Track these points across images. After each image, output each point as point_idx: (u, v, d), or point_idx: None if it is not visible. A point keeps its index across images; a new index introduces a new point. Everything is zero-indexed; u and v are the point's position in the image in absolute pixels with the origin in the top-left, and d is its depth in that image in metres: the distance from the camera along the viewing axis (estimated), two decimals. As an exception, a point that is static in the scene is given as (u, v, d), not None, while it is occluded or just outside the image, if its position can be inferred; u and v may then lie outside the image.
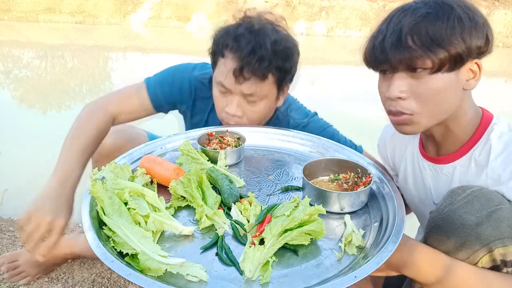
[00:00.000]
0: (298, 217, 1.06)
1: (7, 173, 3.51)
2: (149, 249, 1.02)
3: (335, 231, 1.21)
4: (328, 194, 1.26)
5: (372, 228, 1.21)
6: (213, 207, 1.25)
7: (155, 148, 1.66)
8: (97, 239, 1.06)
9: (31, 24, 10.97)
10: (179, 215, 1.28)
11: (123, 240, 1.05)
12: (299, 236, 1.08)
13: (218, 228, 1.16)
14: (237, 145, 1.64)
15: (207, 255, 1.09)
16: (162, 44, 10.35)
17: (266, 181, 1.49)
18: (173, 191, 1.30)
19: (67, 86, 6.42)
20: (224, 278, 1.00)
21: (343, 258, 1.08)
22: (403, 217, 1.16)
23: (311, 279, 1.00)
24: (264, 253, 1.01)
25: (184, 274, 0.98)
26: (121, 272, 0.95)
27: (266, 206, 1.26)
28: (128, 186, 1.21)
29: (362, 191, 1.28)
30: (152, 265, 0.98)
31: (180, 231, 1.14)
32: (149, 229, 1.12)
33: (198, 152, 1.53)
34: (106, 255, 1.00)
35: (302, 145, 1.72)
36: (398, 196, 1.27)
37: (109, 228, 1.10)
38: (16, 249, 2.37)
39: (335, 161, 1.45)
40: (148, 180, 1.39)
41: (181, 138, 1.69)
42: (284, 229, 1.06)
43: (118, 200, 1.14)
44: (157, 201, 1.22)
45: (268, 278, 0.97)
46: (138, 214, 1.13)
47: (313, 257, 1.09)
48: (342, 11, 11.55)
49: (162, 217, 1.15)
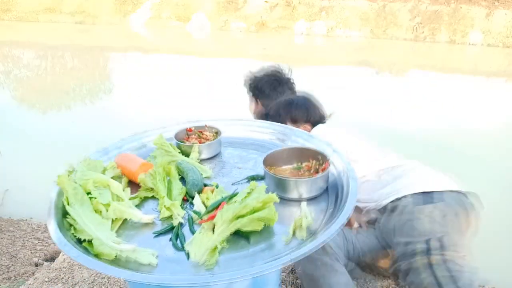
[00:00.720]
0: (250, 204, 1.08)
1: (7, 173, 3.52)
2: (104, 236, 1.08)
3: (292, 217, 1.22)
4: (285, 181, 1.27)
5: (327, 213, 1.23)
6: (178, 198, 1.29)
7: (131, 142, 1.69)
8: (56, 226, 1.12)
9: (31, 24, 10.98)
10: (145, 205, 1.33)
11: (82, 228, 1.11)
12: (251, 222, 1.10)
13: (174, 219, 1.21)
14: (215, 139, 1.66)
15: (161, 240, 1.14)
16: (162, 44, 10.35)
17: (234, 171, 1.52)
18: (143, 183, 1.36)
19: (67, 86, 6.43)
20: (173, 261, 1.05)
21: (292, 242, 1.10)
22: (352, 204, 1.16)
23: (255, 261, 1.03)
24: (213, 238, 1.04)
25: (133, 258, 1.04)
26: (71, 254, 1.01)
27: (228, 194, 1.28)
28: (94, 177, 1.27)
29: (319, 177, 1.28)
30: (104, 250, 1.04)
31: (139, 218, 1.19)
32: (110, 218, 1.17)
33: (171, 146, 1.57)
34: (60, 239, 1.06)
35: (270, 135, 1.75)
36: (353, 184, 1.27)
37: (72, 217, 1.16)
38: (16, 249, 2.37)
39: (297, 150, 1.46)
40: (117, 173, 1.44)
41: (157, 132, 1.71)
42: (236, 215, 1.07)
43: (81, 191, 1.21)
44: (120, 191, 1.27)
45: (214, 262, 1.00)
46: (99, 203, 1.19)
47: (264, 241, 1.11)
48: (342, 11, 11.54)
49: (123, 206, 1.20)
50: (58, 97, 5.74)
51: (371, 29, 11.05)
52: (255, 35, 11.15)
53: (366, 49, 10.08)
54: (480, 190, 1.79)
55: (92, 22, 11.36)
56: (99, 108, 5.24)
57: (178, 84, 6.53)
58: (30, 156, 3.87)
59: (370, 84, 6.95)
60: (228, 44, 10.55)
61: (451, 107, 5.79)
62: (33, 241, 2.56)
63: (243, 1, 11.66)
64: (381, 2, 11.42)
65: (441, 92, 6.58)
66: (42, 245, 2.53)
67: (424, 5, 11.26)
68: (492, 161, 4.12)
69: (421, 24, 11.07)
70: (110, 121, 4.80)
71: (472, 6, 10.94)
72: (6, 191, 3.23)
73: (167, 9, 11.68)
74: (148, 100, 5.60)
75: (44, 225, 2.79)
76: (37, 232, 2.65)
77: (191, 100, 5.57)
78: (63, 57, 8.50)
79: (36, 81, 6.76)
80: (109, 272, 0.96)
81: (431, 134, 4.73)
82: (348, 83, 6.98)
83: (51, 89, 6.21)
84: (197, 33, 11.10)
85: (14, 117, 4.92)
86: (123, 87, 6.29)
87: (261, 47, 10.38)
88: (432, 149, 4.27)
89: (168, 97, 5.81)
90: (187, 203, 1.32)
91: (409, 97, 6.20)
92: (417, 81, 7.25)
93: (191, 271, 1.01)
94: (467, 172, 3.91)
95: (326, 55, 10.17)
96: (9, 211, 3.01)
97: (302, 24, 11.51)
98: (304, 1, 11.78)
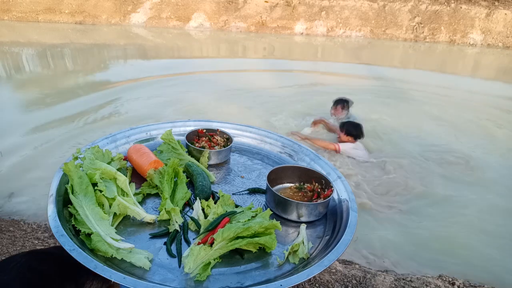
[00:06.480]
0: (253, 227, 1.07)
1: (8, 173, 3.52)
2: (104, 231, 1.07)
3: (288, 238, 1.20)
4: (287, 202, 1.26)
5: (323, 240, 1.21)
6: (179, 202, 1.29)
7: (139, 133, 1.69)
8: (56, 213, 1.09)
9: (31, 24, 10.98)
10: (147, 202, 1.32)
11: (83, 219, 1.10)
12: (248, 244, 1.09)
13: (171, 224, 1.20)
14: (225, 145, 1.65)
15: (156, 243, 1.13)
16: (162, 44, 10.35)
17: (237, 179, 1.50)
18: (150, 179, 1.36)
19: (68, 86, 6.43)
20: (165, 267, 1.04)
21: (285, 265, 1.08)
22: (348, 240, 1.12)
23: (246, 280, 1.02)
24: (210, 254, 1.04)
25: (128, 261, 1.02)
26: (66, 246, 0.99)
27: (227, 209, 1.25)
28: (103, 167, 1.25)
29: (320, 203, 1.27)
30: (102, 247, 1.03)
31: (142, 217, 1.18)
32: (112, 212, 1.16)
33: (178, 143, 1.58)
34: (58, 228, 1.04)
35: (279, 148, 1.73)
36: (353, 216, 1.24)
37: (74, 206, 1.14)
38: (16, 249, 2.37)
39: (303, 170, 1.45)
40: (124, 165, 1.43)
41: (166, 126, 1.73)
42: (236, 235, 1.06)
43: (87, 180, 1.19)
44: (127, 186, 1.26)
45: (204, 277, 0.99)
46: (103, 196, 1.18)
47: (257, 260, 1.10)
48: (342, 11, 11.55)
49: (128, 202, 1.19)
50: (59, 97, 5.74)
51: (371, 29, 11.06)
52: (255, 35, 11.15)
53: (366, 49, 10.09)
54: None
55: (92, 22, 11.36)
56: (99, 108, 5.25)
57: (178, 84, 6.53)
58: (30, 156, 3.87)
59: (369, 84, 6.95)
60: (228, 44, 10.55)
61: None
62: (33, 241, 2.55)
63: (243, 1, 11.66)
64: (381, 2, 11.42)
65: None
66: (42, 245, 2.53)
67: (424, 5, 11.26)
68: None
69: (421, 24, 11.07)
70: (110, 121, 4.81)
71: (472, 6, 10.94)
72: (11, 194, 3.24)
73: (167, 9, 11.69)
74: (148, 100, 5.61)
75: (44, 225, 2.79)
76: (37, 232, 2.65)
77: (191, 100, 5.57)
78: (63, 57, 8.50)
79: (37, 81, 6.76)
80: (100, 272, 0.93)
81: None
82: (347, 83, 6.98)
83: (52, 90, 6.21)
84: (197, 33, 11.10)
85: (14, 116, 4.93)
86: (123, 86, 6.30)
87: (261, 47, 10.38)
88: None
89: (168, 97, 5.81)
90: (188, 207, 1.31)
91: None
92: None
93: (182, 280, 1.01)
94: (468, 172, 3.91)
95: (326, 55, 10.17)
96: (9, 211, 3.01)
97: (302, 24, 11.51)
98: (304, 1, 11.78)
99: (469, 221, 3.16)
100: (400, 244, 2.88)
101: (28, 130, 4.51)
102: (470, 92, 6.82)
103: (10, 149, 3.98)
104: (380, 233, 2.98)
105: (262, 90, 6.23)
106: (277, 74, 7.45)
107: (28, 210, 3.05)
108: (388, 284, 2.18)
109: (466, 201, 3.42)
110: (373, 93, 6.32)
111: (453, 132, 4.90)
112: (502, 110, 5.81)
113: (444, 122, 5.21)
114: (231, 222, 1.13)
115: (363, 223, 3.03)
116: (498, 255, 2.81)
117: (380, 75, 7.53)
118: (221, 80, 6.86)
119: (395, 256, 2.75)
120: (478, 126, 5.16)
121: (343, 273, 2.29)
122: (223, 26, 11.43)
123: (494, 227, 3.09)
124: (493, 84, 7.92)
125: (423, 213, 3.25)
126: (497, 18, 10.68)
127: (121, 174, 1.28)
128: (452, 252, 2.82)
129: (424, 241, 2.92)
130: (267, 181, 1.32)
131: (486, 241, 2.94)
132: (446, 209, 3.30)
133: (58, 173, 1.26)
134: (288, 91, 6.31)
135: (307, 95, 6.03)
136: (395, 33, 11.06)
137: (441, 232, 3.03)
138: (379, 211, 3.23)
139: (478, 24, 10.76)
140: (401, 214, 3.22)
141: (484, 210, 3.30)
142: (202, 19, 11.48)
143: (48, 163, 3.72)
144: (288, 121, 4.86)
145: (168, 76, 7.00)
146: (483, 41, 10.65)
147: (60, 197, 1.19)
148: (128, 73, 7.41)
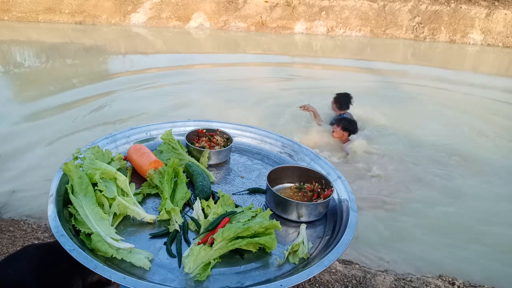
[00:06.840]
0: (253, 227, 1.07)
1: (8, 174, 3.52)
2: (104, 231, 1.07)
3: (288, 238, 1.21)
4: (287, 202, 1.26)
5: (323, 240, 1.21)
6: (179, 202, 1.29)
7: (139, 133, 1.69)
8: (56, 213, 1.09)
9: (31, 24, 10.97)
10: (147, 202, 1.32)
11: (83, 219, 1.10)
12: (248, 244, 1.09)
13: (171, 224, 1.20)
14: (225, 145, 1.65)
15: (156, 243, 1.13)
16: (162, 44, 10.34)
17: (237, 179, 1.51)
18: (150, 179, 1.36)
19: (68, 86, 6.42)
20: (165, 267, 1.05)
21: (284, 265, 1.09)
22: (348, 240, 1.13)
23: (246, 280, 1.02)
24: (210, 254, 1.04)
25: (128, 261, 1.03)
26: (66, 246, 0.99)
27: (227, 209, 1.25)
28: (103, 167, 1.26)
29: (320, 203, 1.27)
30: (102, 247, 1.03)
31: (142, 217, 1.18)
32: (112, 212, 1.16)
33: (178, 143, 1.58)
34: (58, 228, 1.04)
35: (279, 148, 1.73)
36: (353, 216, 1.24)
37: (74, 206, 1.15)
38: (16, 249, 2.37)
39: (303, 170, 1.45)
40: (124, 165, 1.44)
41: (166, 126, 1.74)
42: (236, 235, 1.07)
43: (87, 180, 1.19)
44: (127, 186, 1.26)
45: (204, 277, 1.00)
46: (103, 196, 1.18)
47: (257, 260, 1.10)
48: (342, 11, 11.54)
49: (128, 202, 1.19)
50: (59, 97, 5.73)
51: (371, 29, 11.04)
52: (254, 35, 11.15)
53: (365, 49, 10.08)
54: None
55: (92, 22, 11.35)
56: (98, 107, 5.25)
57: (178, 84, 6.53)
58: (31, 157, 3.87)
59: (369, 83, 6.95)
60: (227, 44, 10.55)
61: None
62: (33, 241, 2.55)
63: (243, 1, 11.65)
64: (381, 2, 11.41)
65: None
66: (42, 245, 2.53)
67: (424, 5, 11.26)
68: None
69: (421, 24, 11.07)
70: (110, 121, 4.81)
71: (472, 6, 10.93)
72: (13, 192, 3.23)
73: (167, 9, 11.68)
74: (147, 100, 5.61)
75: (44, 225, 2.78)
76: (37, 232, 2.65)
77: (191, 101, 5.57)
78: (63, 57, 8.48)
79: (37, 81, 6.75)
80: (100, 272, 0.94)
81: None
82: (347, 82, 6.98)
83: (52, 90, 6.20)
84: (197, 33, 11.09)
85: (14, 117, 4.92)
86: (123, 86, 6.29)
87: (261, 47, 10.38)
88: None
89: (168, 97, 5.81)
90: (188, 207, 1.32)
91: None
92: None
93: (182, 280, 1.01)
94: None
95: (326, 55, 10.16)
96: (10, 211, 3.01)
97: (302, 24, 11.50)
98: (304, 1, 11.77)
99: (470, 221, 3.16)
100: (400, 244, 2.89)
101: (28, 130, 4.51)
102: (471, 87, 6.85)
103: (10, 149, 3.98)
104: (380, 233, 2.98)
105: (263, 88, 6.23)
106: (274, 68, 7.44)
107: (28, 210, 3.05)
108: (388, 284, 2.18)
109: (467, 201, 3.42)
110: (372, 90, 6.32)
111: (449, 129, 4.91)
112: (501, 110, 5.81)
113: (442, 120, 5.22)
114: (231, 222, 1.13)
115: (363, 223, 3.03)
116: (499, 255, 2.81)
117: (378, 71, 7.53)
118: (218, 75, 6.89)
119: (395, 256, 2.75)
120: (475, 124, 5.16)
121: (343, 273, 2.29)
122: (223, 26, 11.42)
123: (494, 227, 3.09)
124: (493, 80, 7.93)
125: (423, 213, 3.25)
126: (497, 18, 10.68)
127: (121, 174, 1.29)
128: (452, 252, 2.82)
129: (424, 241, 2.92)
130: (267, 181, 1.32)
131: (486, 242, 2.94)
132: (446, 209, 3.30)
133: (58, 173, 1.26)
134: (289, 91, 6.32)
135: (307, 95, 6.04)
136: (395, 33, 11.06)
137: (441, 232, 3.04)
138: (378, 211, 3.23)
139: (478, 24, 10.76)
140: (401, 214, 3.23)
141: (485, 210, 3.30)
142: (202, 19, 11.47)
143: (49, 163, 3.72)
144: (288, 122, 4.87)
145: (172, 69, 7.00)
146: (483, 41, 10.65)
147: (60, 197, 1.19)
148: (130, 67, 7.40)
